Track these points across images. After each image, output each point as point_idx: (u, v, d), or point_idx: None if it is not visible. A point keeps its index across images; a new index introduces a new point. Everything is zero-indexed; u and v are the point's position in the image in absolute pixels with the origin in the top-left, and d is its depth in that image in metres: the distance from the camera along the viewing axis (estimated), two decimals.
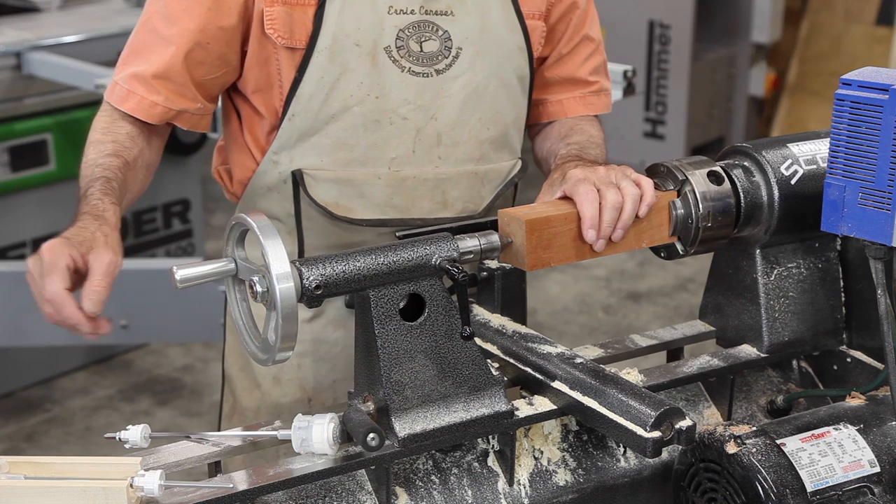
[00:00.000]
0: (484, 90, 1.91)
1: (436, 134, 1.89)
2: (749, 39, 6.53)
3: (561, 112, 2.08)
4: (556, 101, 2.08)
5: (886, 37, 6.40)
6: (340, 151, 1.87)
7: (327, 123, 1.86)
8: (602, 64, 2.11)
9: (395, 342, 1.53)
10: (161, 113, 1.87)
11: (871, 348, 1.82)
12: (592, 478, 1.69)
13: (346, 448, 1.54)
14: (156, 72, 1.85)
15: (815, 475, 1.56)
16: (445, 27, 1.86)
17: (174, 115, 1.88)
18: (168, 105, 1.87)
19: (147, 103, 1.86)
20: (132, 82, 1.87)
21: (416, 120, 1.87)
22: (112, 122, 1.87)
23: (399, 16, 1.83)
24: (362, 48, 1.82)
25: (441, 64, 1.87)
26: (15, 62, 4.00)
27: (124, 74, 1.88)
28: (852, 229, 1.61)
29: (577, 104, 2.08)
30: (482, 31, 1.88)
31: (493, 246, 1.64)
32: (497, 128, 1.95)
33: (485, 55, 1.89)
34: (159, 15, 1.85)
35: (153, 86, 1.86)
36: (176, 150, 4.52)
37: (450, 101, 1.88)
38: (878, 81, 1.57)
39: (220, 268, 1.53)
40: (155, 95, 1.86)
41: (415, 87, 1.86)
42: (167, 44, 1.84)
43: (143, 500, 1.42)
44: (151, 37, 1.86)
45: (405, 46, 1.84)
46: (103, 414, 4.20)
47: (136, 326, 3.68)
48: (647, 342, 1.88)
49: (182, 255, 4.75)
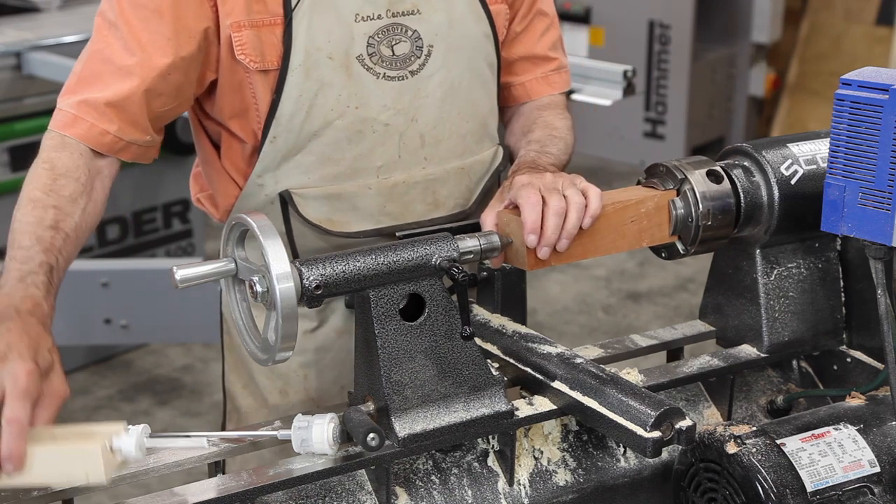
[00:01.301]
0: (459, 84, 1.90)
1: (418, 135, 1.88)
2: (749, 39, 6.53)
3: (525, 94, 2.06)
4: (519, 83, 2.06)
5: (886, 37, 6.40)
6: (326, 167, 1.85)
7: (310, 140, 1.83)
8: (558, 39, 2.08)
9: (395, 342, 1.53)
10: (111, 142, 1.73)
11: (871, 348, 1.82)
12: (592, 478, 1.69)
13: (346, 448, 1.54)
14: (110, 100, 1.72)
15: (815, 475, 1.56)
16: (414, 27, 1.84)
17: (122, 147, 1.75)
18: (119, 135, 1.73)
19: (97, 131, 1.72)
20: (82, 108, 1.73)
21: (398, 124, 1.86)
22: (53, 180, 1.66)
23: (366, 22, 1.81)
24: (335, 60, 1.80)
25: (414, 65, 1.85)
26: (15, 62, 4.01)
27: (72, 101, 1.74)
28: (852, 229, 1.61)
29: (539, 85, 2.06)
30: (450, 25, 1.87)
31: (493, 246, 1.64)
32: (476, 119, 1.95)
33: (456, 49, 1.88)
34: (118, 44, 1.74)
35: (106, 114, 1.72)
36: (176, 150, 4.51)
37: (428, 100, 1.88)
38: (878, 81, 1.57)
39: (220, 268, 1.53)
40: (107, 124, 1.72)
41: (392, 92, 1.84)
42: (126, 74, 1.73)
43: (123, 464, 1.40)
44: (106, 66, 1.74)
45: (377, 52, 1.82)
46: (103, 414, 4.19)
47: (136, 326, 3.68)
48: (647, 342, 1.88)
49: (182, 255, 4.75)
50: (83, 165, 1.71)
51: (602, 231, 1.68)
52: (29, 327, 1.41)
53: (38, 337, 1.42)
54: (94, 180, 1.73)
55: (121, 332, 3.69)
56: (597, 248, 1.70)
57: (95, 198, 1.73)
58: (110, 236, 4.50)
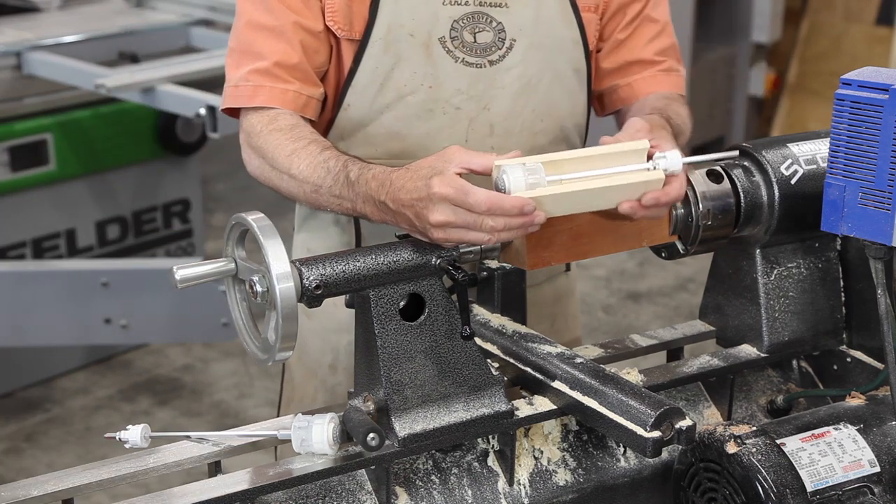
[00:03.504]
0: (538, 82, 1.91)
1: (489, 124, 1.90)
2: (749, 39, 6.53)
3: (632, 95, 2.02)
4: (626, 84, 2.02)
5: (886, 37, 6.40)
6: (393, 141, 1.89)
7: (381, 113, 1.87)
8: (670, 47, 2.03)
9: (395, 342, 1.53)
10: (293, 99, 1.83)
11: (871, 348, 1.82)
12: (592, 478, 1.69)
13: (346, 448, 1.54)
14: (279, 61, 1.82)
15: (815, 475, 1.56)
16: (499, 19, 1.87)
17: (304, 103, 1.84)
18: (301, 91, 1.83)
19: (278, 91, 1.82)
20: (254, 77, 1.83)
21: (469, 110, 1.88)
22: (291, 129, 1.78)
23: (453, 7, 1.85)
24: (416, 38, 1.84)
25: (494, 55, 1.88)
26: (15, 62, 4.01)
27: (241, 74, 1.84)
28: (852, 229, 1.61)
29: (647, 84, 2.01)
30: (536, 22, 1.89)
31: (494, 246, 1.64)
32: (551, 120, 1.95)
33: (538, 47, 1.90)
34: (261, 10, 1.83)
35: (280, 75, 1.82)
36: (176, 149, 4.52)
37: (503, 91, 1.89)
38: (878, 81, 1.57)
39: (220, 268, 1.53)
40: (285, 84, 1.82)
41: (468, 78, 1.87)
42: (279, 34, 1.82)
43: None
44: (259, 33, 1.83)
45: (459, 37, 1.85)
46: (103, 414, 4.20)
47: (136, 326, 3.68)
48: (647, 342, 1.88)
49: (182, 255, 4.75)
50: (292, 114, 1.82)
51: (602, 231, 1.68)
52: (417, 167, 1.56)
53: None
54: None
55: (121, 332, 3.69)
56: (596, 249, 1.70)
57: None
58: (110, 236, 4.50)
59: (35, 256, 4.26)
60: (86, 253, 4.42)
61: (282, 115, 1.81)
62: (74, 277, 3.65)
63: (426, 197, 1.50)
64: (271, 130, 1.79)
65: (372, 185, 1.60)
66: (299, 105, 1.84)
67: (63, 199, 4.31)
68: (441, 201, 1.49)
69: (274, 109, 1.82)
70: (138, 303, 3.64)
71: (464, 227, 1.49)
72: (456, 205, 1.48)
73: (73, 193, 4.34)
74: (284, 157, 1.75)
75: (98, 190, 4.41)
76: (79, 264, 3.96)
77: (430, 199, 1.49)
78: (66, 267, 3.82)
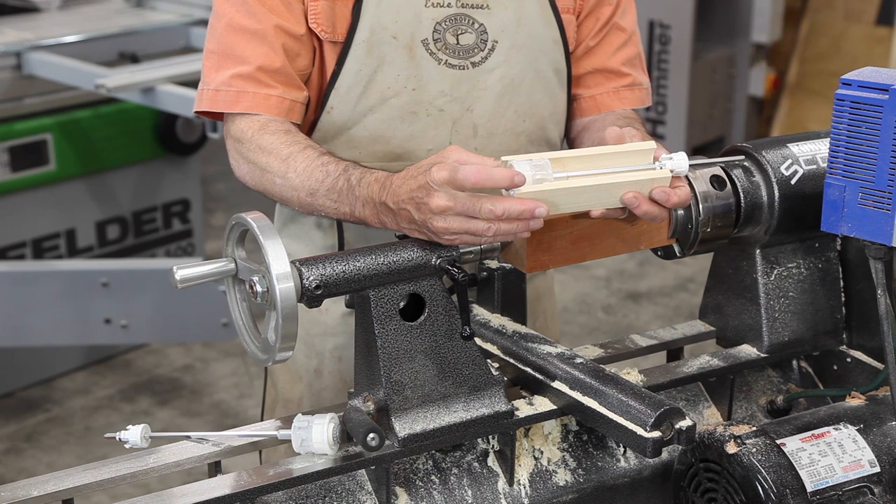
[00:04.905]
0: (520, 83, 1.91)
1: (472, 125, 1.90)
2: (749, 39, 6.52)
3: (594, 108, 2.03)
4: (589, 96, 2.03)
5: (886, 37, 6.39)
6: (377, 144, 1.89)
7: (365, 116, 1.87)
8: (636, 56, 2.04)
9: (395, 342, 1.53)
10: (277, 104, 1.82)
11: (871, 348, 1.82)
12: (592, 478, 1.69)
13: (346, 448, 1.54)
14: (261, 65, 1.80)
15: (815, 475, 1.56)
16: (481, 20, 1.87)
17: (289, 107, 1.83)
18: (284, 96, 1.82)
19: (261, 96, 1.81)
20: (236, 82, 1.82)
21: (453, 111, 1.89)
22: (286, 134, 1.77)
23: (436, 9, 1.85)
24: (399, 41, 1.84)
25: (477, 57, 1.88)
26: (15, 62, 4.01)
27: (223, 78, 1.83)
28: (852, 229, 1.61)
29: (610, 99, 2.02)
30: (518, 24, 1.89)
31: (493, 246, 1.64)
32: (533, 120, 1.95)
33: (520, 48, 1.90)
34: (242, 12, 1.82)
35: (262, 80, 1.81)
36: (176, 149, 4.52)
37: (486, 93, 1.89)
38: (878, 81, 1.57)
39: (220, 268, 1.53)
40: (267, 89, 1.81)
41: (451, 80, 1.87)
42: (261, 38, 1.81)
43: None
44: (240, 35, 1.82)
45: (442, 39, 1.86)
46: (103, 414, 4.20)
47: (136, 326, 3.68)
48: (647, 342, 1.88)
49: (182, 255, 4.75)
50: (283, 120, 1.81)
51: (601, 234, 1.68)
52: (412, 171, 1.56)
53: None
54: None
55: (121, 332, 3.69)
56: (595, 253, 1.70)
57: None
58: (110, 236, 4.50)
59: (35, 256, 4.26)
60: (86, 253, 4.42)
61: (273, 121, 1.81)
62: (74, 277, 3.65)
63: (425, 185, 1.51)
64: (264, 135, 1.79)
65: (374, 187, 1.61)
66: (283, 110, 1.83)
67: (63, 199, 4.31)
68: (441, 186, 1.49)
69: (263, 115, 1.81)
70: (138, 303, 3.64)
71: (464, 215, 1.50)
72: (453, 185, 1.49)
73: (73, 193, 4.34)
74: (280, 161, 1.74)
75: (98, 190, 4.41)
76: (79, 264, 3.96)
77: (430, 185, 1.50)
78: (66, 267, 3.82)
